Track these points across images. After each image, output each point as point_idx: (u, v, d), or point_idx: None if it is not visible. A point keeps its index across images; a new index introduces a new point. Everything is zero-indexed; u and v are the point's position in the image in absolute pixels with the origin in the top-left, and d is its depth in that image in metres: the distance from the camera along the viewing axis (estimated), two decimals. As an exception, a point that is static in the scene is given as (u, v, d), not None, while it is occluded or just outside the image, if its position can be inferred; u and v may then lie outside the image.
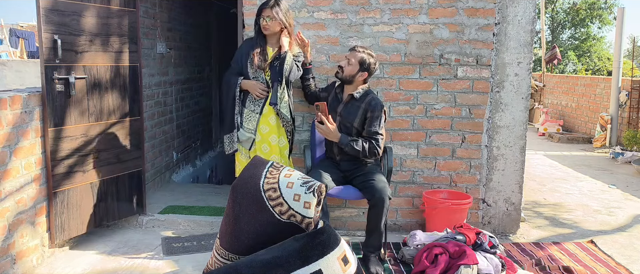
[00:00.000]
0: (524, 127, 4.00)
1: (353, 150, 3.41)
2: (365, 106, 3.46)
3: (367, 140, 3.44)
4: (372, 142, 3.43)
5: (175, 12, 5.63)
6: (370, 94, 3.53)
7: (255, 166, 2.92)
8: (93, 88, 3.62)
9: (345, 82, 3.53)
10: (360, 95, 3.50)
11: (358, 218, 4.09)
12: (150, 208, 4.37)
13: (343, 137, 3.42)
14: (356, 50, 3.48)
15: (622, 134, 8.28)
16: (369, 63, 3.45)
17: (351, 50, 3.51)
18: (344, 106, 3.53)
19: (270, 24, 3.49)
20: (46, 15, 3.27)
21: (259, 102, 3.58)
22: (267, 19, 3.48)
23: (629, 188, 5.77)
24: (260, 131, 3.58)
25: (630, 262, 3.59)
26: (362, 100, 3.49)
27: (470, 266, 3.07)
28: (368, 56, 3.46)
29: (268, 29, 3.51)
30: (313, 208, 2.74)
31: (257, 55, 3.55)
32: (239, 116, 3.59)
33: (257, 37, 3.61)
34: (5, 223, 2.98)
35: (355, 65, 3.45)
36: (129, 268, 3.35)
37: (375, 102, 3.48)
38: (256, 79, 3.58)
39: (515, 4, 3.87)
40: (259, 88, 3.55)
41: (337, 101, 3.58)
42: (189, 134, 6.19)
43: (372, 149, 3.43)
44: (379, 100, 3.52)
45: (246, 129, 3.58)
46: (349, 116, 3.49)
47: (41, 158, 3.33)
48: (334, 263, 2.59)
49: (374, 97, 3.51)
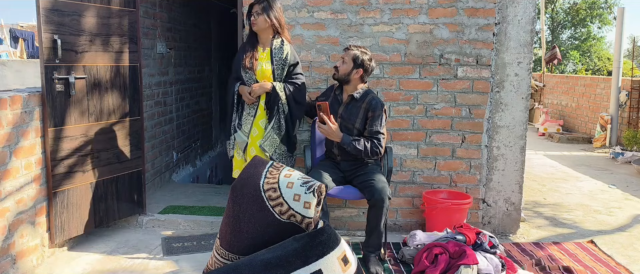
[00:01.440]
0: (524, 127, 4.00)
1: (355, 150, 3.41)
2: (366, 106, 3.46)
3: (369, 140, 3.44)
4: (373, 141, 3.43)
5: (175, 12, 5.63)
6: (370, 94, 3.53)
7: (255, 166, 2.92)
8: (93, 88, 3.62)
9: (342, 81, 3.52)
10: (360, 95, 3.50)
11: (358, 217, 4.09)
12: (150, 208, 4.37)
13: (345, 137, 3.42)
14: (349, 48, 3.48)
15: (622, 134, 8.28)
16: (362, 59, 3.44)
17: (345, 49, 3.52)
18: (345, 107, 3.52)
19: (258, 20, 3.47)
20: (46, 15, 3.27)
21: (254, 105, 3.56)
22: (255, 14, 3.47)
23: (629, 188, 5.77)
24: (251, 134, 3.55)
25: (630, 262, 3.59)
26: (363, 100, 3.49)
27: (470, 266, 3.07)
28: (361, 53, 3.45)
29: (256, 24, 3.48)
30: (313, 208, 2.74)
31: (247, 57, 3.52)
32: (237, 120, 3.59)
33: (248, 37, 3.60)
34: (5, 223, 2.98)
35: (349, 63, 3.44)
36: (129, 268, 3.35)
37: (375, 101, 3.47)
38: (249, 82, 3.55)
39: (515, 4, 3.87)
40: (247, 93, 3.49)
41: (337, 103, 3.57)
42: (189, 134, 6.19)
43: (374, 148, 3.43)
44: (379, 99, 3.52)
45: (243, 132, 3.56)
46: (350, 116, 3.49)
47: (41, 158, 3.33)
48: (334, 263, 2.59)
49: (374, 97, 3.51)
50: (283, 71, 3.54)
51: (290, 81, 3.56)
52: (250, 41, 3.58)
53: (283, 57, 3.52)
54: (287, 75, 3.57)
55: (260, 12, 3.46)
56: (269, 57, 3.53)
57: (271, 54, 3.53)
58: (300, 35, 3.93)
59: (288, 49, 3.56)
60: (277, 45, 3.53)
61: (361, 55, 3.44)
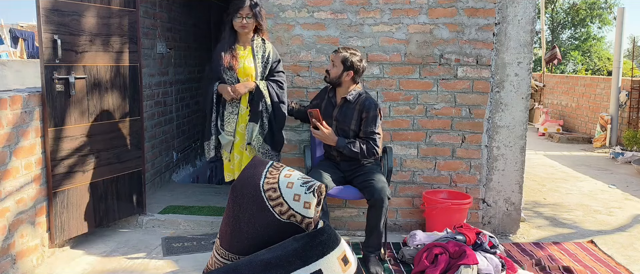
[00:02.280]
0: (524, 127, 4.00)
1: (351, 152, 3.41)
2: (360, 107, 3.45)
3: (365, 141, 3.43)
4: (369, 142, 3.43)
5: (175, 12, 5.63)
6: (363, 95, 3.50)
7: (255, 166, 2.92)
8: (93, 88, 3.62)
9: (334, 84, 3.51)
10: (354, 97, 3.48)
11: (358, 217, 4.09)
12: (150, 207, 4.37)
13: (340, 141, 3.42)
14: (338, 51, 3.45)
15: (622, 134, 8.28)
16: (351, 61, 3.40)
17: (334, 52, 3.48)
18: (339, 110, 3.51)
19: (249, 23, 3.46)
20: (46, 15, 3.27)
21: (236, 103, 3.51)
22: (247, 18, 3.44)
23: (629, 188, 5.77)
24: (238, 132, 3.51)
25: (630, 262, 3.59)
26: (356, 102, 3.47)
27: (470, 266, 3.07)
28: (350, 55, 3.41)
29: (247, 27, 3.46)
30: (313, 208, 2.74)
31: (227, 55, 3.48)
32: (218, 120, 3.53)
33: (228, 36, 3.55)
34: (5, 223, 2.98)
35: (339, 66, 3.42)
36: (129, 268, 3.35)
37: (369, 102, 3.46)
38: (230, 80, 3.49)
39: (515, 4, 3.87)
40: (228, 90, 3.43)
41: (331, 106, 3.56)
42: (189, 134, 6.19)
43: (371, 149, 3.43)
44: (373, 100, 3.50)
45: (226, 132, 3.51)
46: (345, 119, 3.48)
47: (41, 158, 3.33)
48: (334, 263, 2.59)
49: (367, 98, 3.49)
50: (265, 68, 3.53)
51: (272, 79, 3.54)
52: (229, 41, 3.54)
53: (265, 54, 3.52)
54: (269, 73, 3.55)
55: (252, 17, 3.45)
56: (251, 54, 3.51)
57: (253, 52, 3.51)
58: (300, 35, 3.94)
59: (270, 47, 3.56)
60: (258, 44, 3.52)
61: (350, 57, 3.40)
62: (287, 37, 3.94)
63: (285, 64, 3.94)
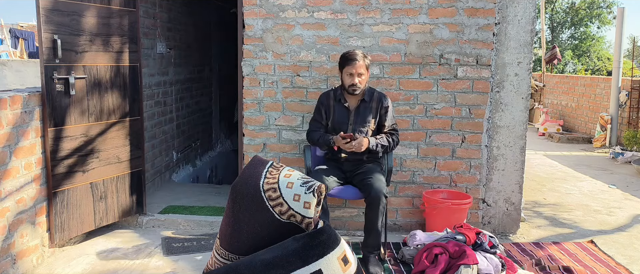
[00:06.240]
0: (524, 127, 4.00)
1: (383, 147, 3.51)
2: (376, 104, 3.54)
3: (389, 134, 3.57)
4: (395, 135, 3.59)
5: (175, 12, 5.63)
6: (374, 91, 3.60)
7: (254, 166, 2.92)
8: (93, 88, 3.62)
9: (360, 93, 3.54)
10: (368, 95, 3.56)
11: (358, 218, 4.09)
12: (150, 207, 4.37)
13: (371, 140, 3.47)
14: (357, 60, 3.40)
15: (622, 134, 8.28)
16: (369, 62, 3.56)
17: (351, 62, 3.40)
18: (356, 113, 3.54)
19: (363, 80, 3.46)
20: (46, 15, 3.27)
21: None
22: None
23: (629, 188, 5.77)
24: None
25: (630, 262, 3.59)
26: (371, 99, 3.55)
27: (470, 266, 3.07)
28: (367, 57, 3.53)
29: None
30: (313, 208, 2.74)
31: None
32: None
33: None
34: (5, 223, 2.98)
35: (366, 73, 3.49)
36: (129, 268, 3.35)
37: (382, 95, 3.59)
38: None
39: (515, 4, 3.87)
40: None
41: (344, 110, 3.56)
42: (189, 134, 6.19)
43: (396, 140, 3.60)
44: (383, 93, 3.64)
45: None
46: (365, 119, 3.53)
47: (41, 158, 3.33)
48: (334, 263, 2.58)
49: (379, 92, 3.61)
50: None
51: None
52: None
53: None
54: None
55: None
56: None
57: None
58: (300, 35, 3.93)
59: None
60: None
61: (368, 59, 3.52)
62: (287, 37, 3.94)
63: (285, 64, 3.95)
